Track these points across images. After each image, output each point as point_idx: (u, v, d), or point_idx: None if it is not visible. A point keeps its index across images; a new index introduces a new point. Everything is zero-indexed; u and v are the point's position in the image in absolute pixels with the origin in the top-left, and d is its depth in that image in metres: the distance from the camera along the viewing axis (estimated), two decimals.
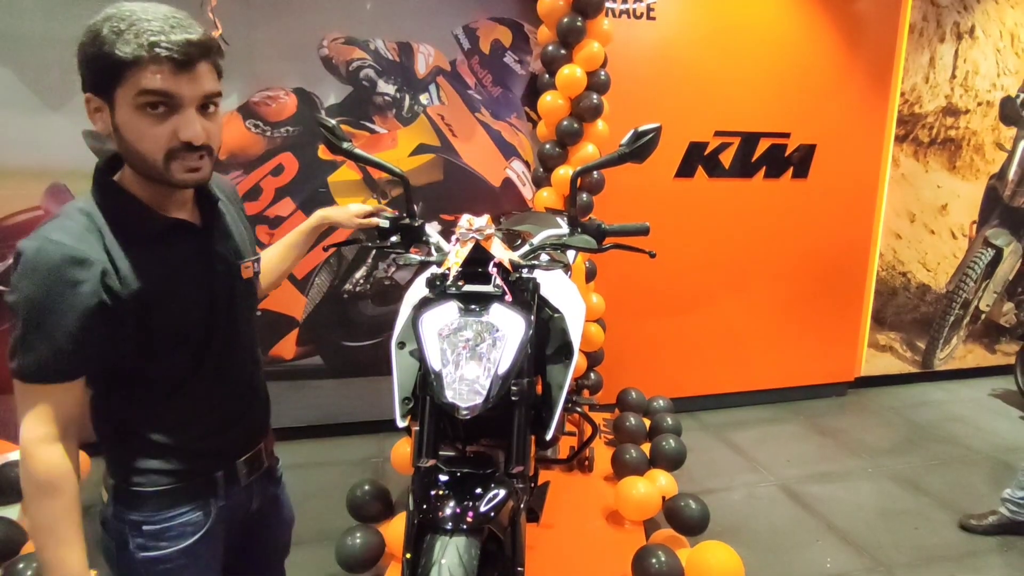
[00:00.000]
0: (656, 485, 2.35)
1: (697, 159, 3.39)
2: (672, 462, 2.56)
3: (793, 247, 3.66)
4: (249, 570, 1.24)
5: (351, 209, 1.48)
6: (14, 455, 2.51)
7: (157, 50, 0.86)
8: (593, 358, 3.15)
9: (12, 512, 2.21)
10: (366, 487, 2.25)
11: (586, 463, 2.62)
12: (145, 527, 1.02)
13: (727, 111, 3.38)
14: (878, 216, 3.85)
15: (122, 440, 1.02)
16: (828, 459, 3.16)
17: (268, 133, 2.93)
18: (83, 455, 2.55)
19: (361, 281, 3.17)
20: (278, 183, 2.97)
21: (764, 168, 3.51)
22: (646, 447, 2.66)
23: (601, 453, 2.70)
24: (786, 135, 3.51)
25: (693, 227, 3.46)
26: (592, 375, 3.17)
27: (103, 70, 0.88)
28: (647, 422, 2.90)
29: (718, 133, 3.39)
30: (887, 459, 3.17)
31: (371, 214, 1.50)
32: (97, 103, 0.92)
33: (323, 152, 2.96)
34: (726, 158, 3.44)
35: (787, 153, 3.54)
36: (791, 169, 3.56)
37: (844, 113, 3.58)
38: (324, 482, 2.77)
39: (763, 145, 3.48)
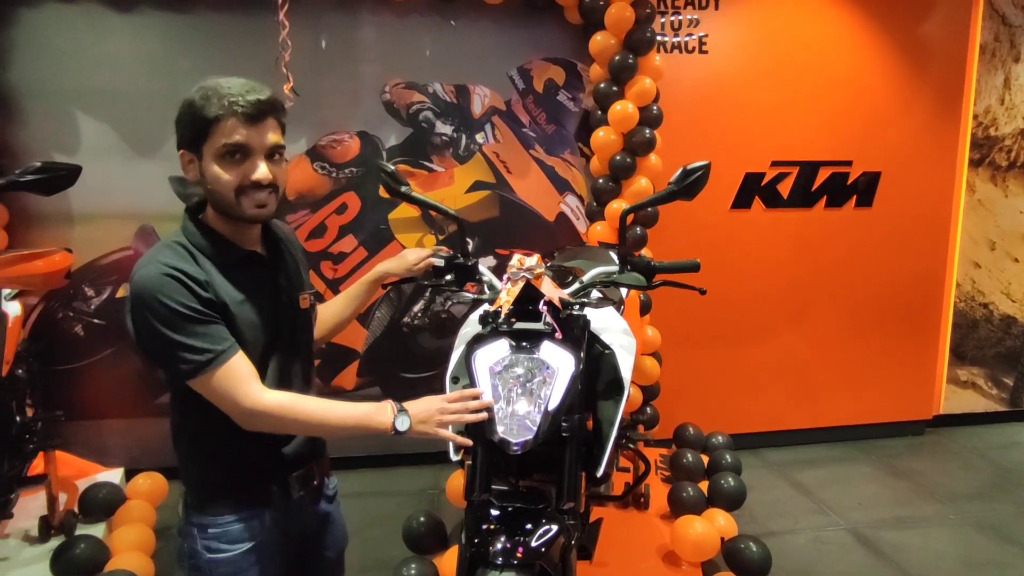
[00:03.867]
0: (714, 525, 2.28)
1: (754, 190, 3.35)
2: (731, 501, 2.48)
3: (859, 278, 3.53)
4: None
5: (408, 259, 1.57)
6: (102, 476, 2.71)
7: (235, 108, 1.06)
8: (649, 392, 3.11)
9: (98, 531, 2.37)
10: (421, 519, 2.29)
11: (642, 500, 2.57)
12: (210, 530, 1.16)
13: (784, 141, 3.34)
14: (953, 244, 3.66)
15: (193, 453, 1.18)
16: (903, 503, 2.97)
17: (333, 174, 3.10)
18: (160, 479, 2.73)
19: (419, 314, 3.26)
20: (342, 221, 3.12)
21: (825, 197, 3.42)
22: (704, 485, 2.59)
23: (657, 490, 2.64)
24: (848, 163, 3.42)
25: (751, 259, 3.40)
26: (648, 409, 3.12)
27: (195, 129, 1.08)
28: (705, 459, 2.82)
29: (775, 163, 3.34)
30: (970, 504, 2.95)
31: (426, 258, 1.57)
32: (189, 156, 1.12)
33: (384, 191, 3.10)
34: (784, 188, 3.37)
35: (849, 181, 3.44)
36: (855, 198, 3.46)
37: (911, 138, 3.46)
38: (382, 512, 2.83)
39: (823, 174, 3.40)
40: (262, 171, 1.10)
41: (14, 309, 2.23)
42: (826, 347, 3.55)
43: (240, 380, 1.08)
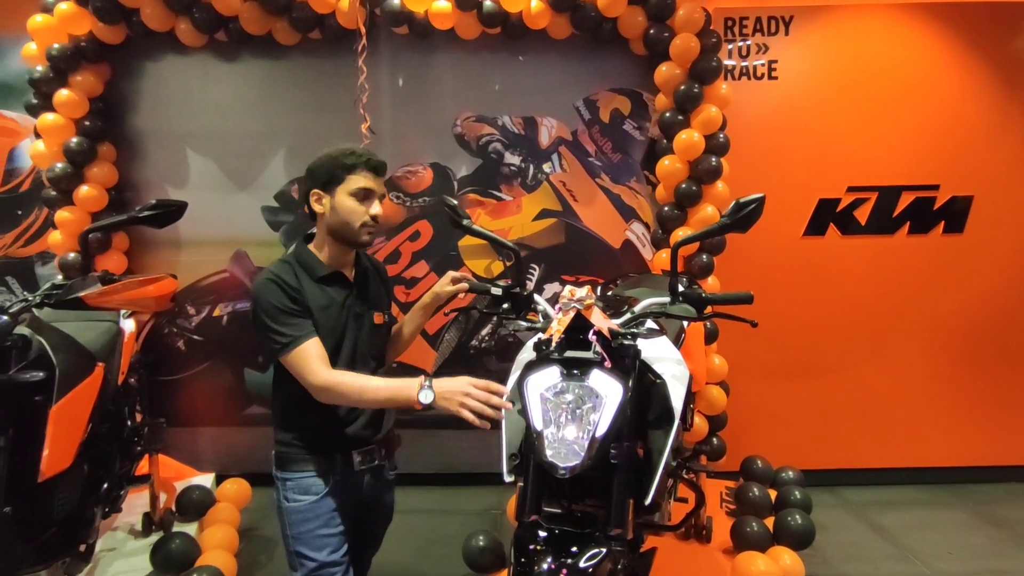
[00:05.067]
0: (779, 563, 2.21)
1: (828, 216, 3.25)
2: (798, 540, 2.39)
3: (948, 308, 3.32)
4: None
5: (446, 277, 1.75)
6: (196, 479, 2.96)
7: (369, 162, 1.54)
8: (715, 422, 3.05)
9: (191, 529, 2.60)
10: (480, 538, 2.36)
11: (704, 532, 2.52)
12: (288, 482, 1.53)
13: (861, 165, 3.22)
14: None
15: (280, 420, 1.56)
16: (1001, 554, 2.74)
17: (408, 203, 3.29)
18: (245, 484, 2.94)
19: (486, 338, 3.37)
20: (415, 247, 3.29)
21: (908, 224, 3.26)
22: (770, 521, 2.51)
23: (721, 523, 2.58)
24: (934, 187, 3.25)
25: (825, 287, 3.27)
26: (714, 440, 3.06)
27: (332, 174, 1.52)
28: (773, 494, 2.73)
29: (851, 189, 3.23)
30: None
31: (457, 280, 1.74)
32: (320, 195, 1.54)
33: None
34: (862, 214, 3.25)
35: (936, 206, 3.27)
36: (942, 223, 3.28)
37: (1007, 159, 3.25)
38: (445, 530, 2.91)
39: (906, 199, 3.25)
40: (377, 208, 1.55)
41: (129, 326, 2.52)
42: (910, 382, 3.35)
43: (310, 360, 1.44)
